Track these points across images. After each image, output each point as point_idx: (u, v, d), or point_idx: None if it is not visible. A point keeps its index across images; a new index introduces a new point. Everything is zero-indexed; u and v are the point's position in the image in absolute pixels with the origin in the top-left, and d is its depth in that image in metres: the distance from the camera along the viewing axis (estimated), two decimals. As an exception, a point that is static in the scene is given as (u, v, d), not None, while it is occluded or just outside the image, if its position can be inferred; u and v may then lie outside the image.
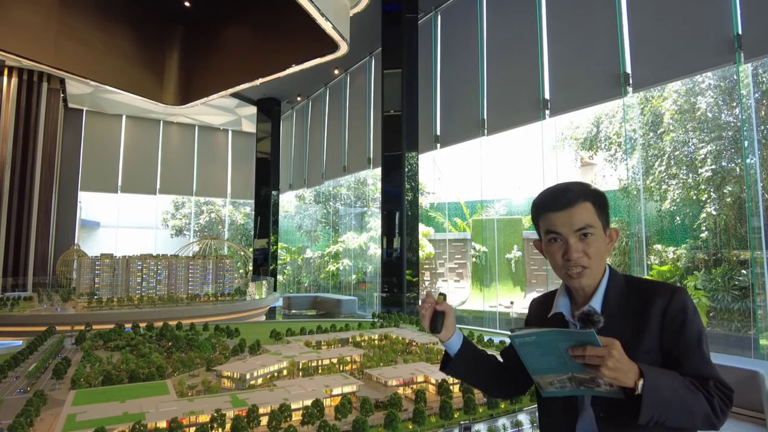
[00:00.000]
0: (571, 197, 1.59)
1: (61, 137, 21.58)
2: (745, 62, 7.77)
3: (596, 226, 1.58)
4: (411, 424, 4.65)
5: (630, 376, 1.31)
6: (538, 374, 1.47)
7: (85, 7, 14.28)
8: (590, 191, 1.62)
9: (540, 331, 1.39)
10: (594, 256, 1.57)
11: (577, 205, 1.58)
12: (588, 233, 1.57)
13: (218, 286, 15.95)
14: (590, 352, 1.29)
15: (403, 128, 13.44)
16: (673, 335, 1.49)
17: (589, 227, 1.57)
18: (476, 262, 19.59)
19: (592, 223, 1.58)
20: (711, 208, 11.53)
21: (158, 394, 5.14)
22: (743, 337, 10.67)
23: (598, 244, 1.58)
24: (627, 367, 1.31)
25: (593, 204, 1.59)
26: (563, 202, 1.59)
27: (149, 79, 16.32)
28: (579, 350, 1.31)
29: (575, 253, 1.57)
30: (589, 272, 1.58)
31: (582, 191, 1.61)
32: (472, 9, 13.08)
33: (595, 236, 1.58)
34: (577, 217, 1.57)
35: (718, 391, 1.40)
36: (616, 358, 1.28)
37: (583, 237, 1.57)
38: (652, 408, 1.31)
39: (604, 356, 1.28)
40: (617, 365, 1.28)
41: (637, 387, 1.31)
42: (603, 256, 1.61)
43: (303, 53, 12.93)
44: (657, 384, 1.32)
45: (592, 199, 1.60)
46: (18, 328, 11.95)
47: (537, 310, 1.87)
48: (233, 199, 29.69)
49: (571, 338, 1.34)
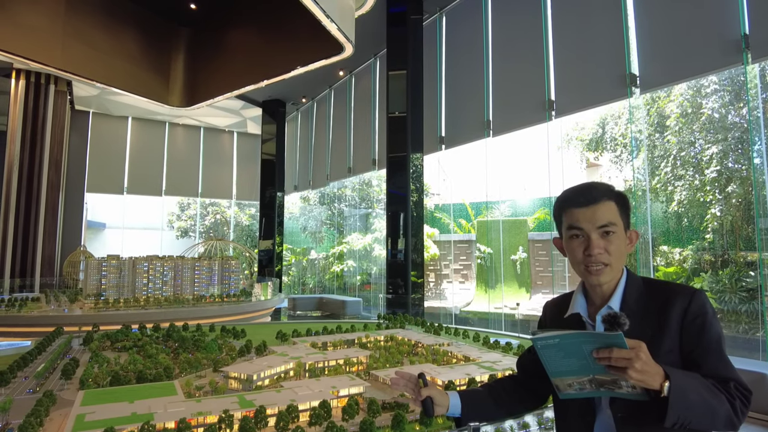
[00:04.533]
0: (596, 195, 1.63)
1: (67, 139, 21.74)
2: (752, 63, 7.71)
3: (618, 225, 1.62)
4: (418, 425, 4.64)
5: (656, 378, 1.31)
6: (558, 377, 1.46)
7: (91, 10, 14.39)
8: (614, 191, 1.67)
9: (563, 334, 1.38)
10: (614, 254, 1.60)
11: (601, 202, 1.61)
12: (610, 231, 1.60)
13: (224, 287, 16.00)
14: (617, 354, 1.29)
15: (408, 129, 13.45)
16: (693, 337, 1.50)
17: (611, 225, 1.60)
18: (481, 264, 19.58)
19: (615, 221, 1.61)
20: (716, 209, 11.46)
21: (166, 395, 5.16)
22: (751, 339, 10.60)
23: (619, 243, 1.61)
24: (653, 369, 1.31)
25: (617, 204, 1.63)
26: (588, 198, 1.63)
27: (155, 81, 16.42)
28: (605, 352, 1.31)
29: (596, 249, 1.59)
30: (608, 270, 1.60)
31: (606, 190, 1.65)
32: (477, 10, 13.07)
33: (617, 235, 1.61)
34: (600, 214, 1.61)
35: (738, 392, 1.41)
36: (643, 360, 1.28)
37: (605, 234, 1.60)
38: (678, 410, 1.30)
39: (631, 358, 1.28)
40: (645, 368, 1.28)
41: (663, 389, 1.31)
42: (623, 255, 1.63)
43: (308, 55, 12.97)
44: (682, 386, 1.32)
45: (615, 199, 1.64)
46: (26, 329, 12.04)
47: (552, 312, 1.88)
48: (238, 201, 29.79)
49: (597, 340, 1.33)
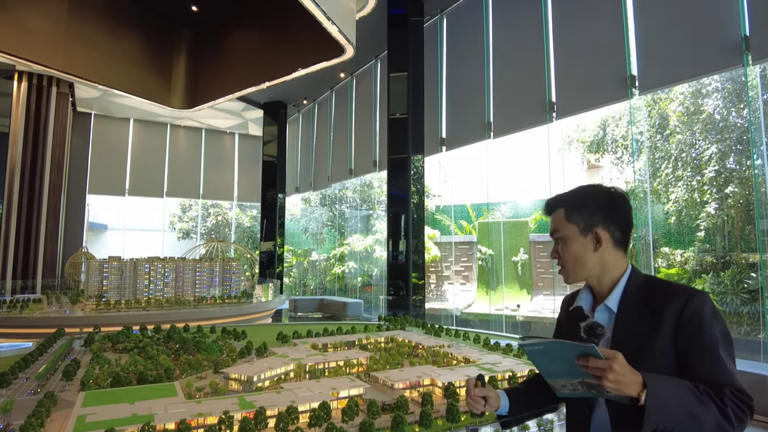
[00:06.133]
0: (549, 206, 1.80)
1: (69, 141, 21.82)
2: (753, 64, 7.71)
3: (566, 230, 1.70)
4: (418, 427, 4.65)
5: (633, 387, 1.34)
6: (552, 378, 1.53)
7: (94, 13, 14.44)
8: (564, 198, 1.77)
9: (547, 341, 1.46)
10: (567, 258, 1.71)
11: (553, 213, 1.78)
12: (558, 237, 1.74)
13: (225, 289, 16.02)
14: (592, 363, 1.35)
15: (408, 131, 13.46)
16: (687, 339, 1.48)
17: (557, 232, 1.74)
18: (482, 265, 19.57)
19: (560, 228, 1.73)
20: (714, 209, 11.44)
21: (166, 396, 5.17)
22: (752, 340, 10.57)
23: (570, 247, 1.70)
24: (629, 379, 1.34)
25: (565, 210, 1.73)
26: (546, 211, 1.82)
27: (157, 82, 16.45)
28: (583, 360, 1.37)
29: (551, 255, 1.76)
30: (565, 272, 1.73)
31: (556, 200, 1.79)
32: (478, 12, 13.08)
33: (568, 240, 1.70)
34: (551, 224, 1.78)
35: (735, 398, 1.37)
36: (616, 371, 1.32)
37: (558, 241, 1.75)
38: (656, 419, 1.32)
39: (605, 369, 1.32)
40: (618, 378, 1.32)
41: (641, 398, 1.33)
42: (580, 257, 1.68)
43: (309, 57, 12.96)
44: (661, 396, 1.33)
45: (564, 205, 1.75)
46: (27, 330, 12.07)
47: (565, 306, 1.94)
48: (240, 202, 29.84)
49: (575, 350, 1.39)
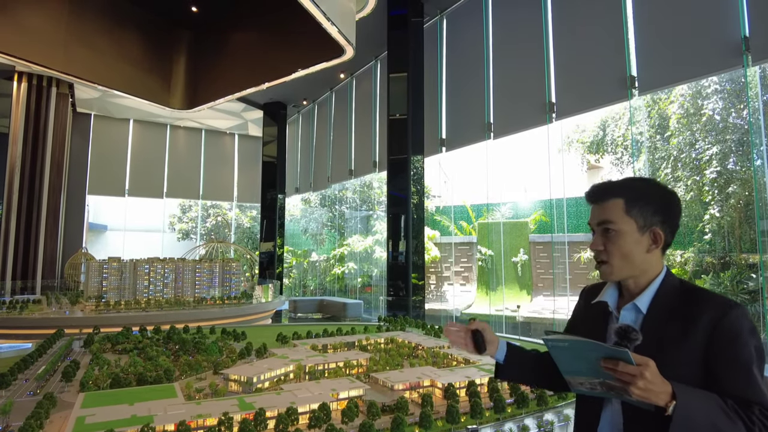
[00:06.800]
0: (601, 193, 1.62)
1: (69, 141, 21.81)
2: (753, 65, 7.70)
3: (620, 224, 1.56)
4: (417, 428, 4.64)
5: (662, 396, 1.27)
6: (570, 375, 1.47)
7: (94, 13, 14.43)
8: (624, 188, 1.61)
9: (574, 339, 1.38)
10: (613, 253, 1.57)
11: (605, 201, 1.60)
12: (609, 229, 1.57)
13: (225, 290, 16.02)
14: (622, 368, 1.27)
15: (408, 132, 13.45)
16: (720, 352, 1.40)
17: (609, 223, 1.57)
18: (482, 266, 19.57)
19: (614, 219, 1.56)
20: (717, 211, 11.44)
21: (166, 397, 5.17)
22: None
23: (621, 242, 1.56)
24: (659, 388, 1.27)
25: (626, 201, 1.57)
26: (593, 197, 1.64)
27: (157, 83, 16.45)
28: (611, 363, 1.29)
29: (592, 245, 1.61)
30: (608, 268, 1.58)
31: (614, 188, 1.62)
32: (477, 13, 13.08)
33: (618, 233, 1.56)
34: (599, 212, 1.61)
35: (763, 417, 1.32)
36: (648, 379, 1.25)
37: (604, 232, 1.59)
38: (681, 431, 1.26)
39: (635, 375, 1.25)
40: (648, 386, 1.25)
41: (668, 409, 1.27)
42: (631, 255, 1.56)
43: (309, 58, 12.96)
44: (689, 408, 1.27)
45: (625, 197, 1.57)
46: (27, 331, 12.06)
47: (586, 297, 1.83)
48: (240, 203, 29.84)
49: (605, 351, 1.31)
